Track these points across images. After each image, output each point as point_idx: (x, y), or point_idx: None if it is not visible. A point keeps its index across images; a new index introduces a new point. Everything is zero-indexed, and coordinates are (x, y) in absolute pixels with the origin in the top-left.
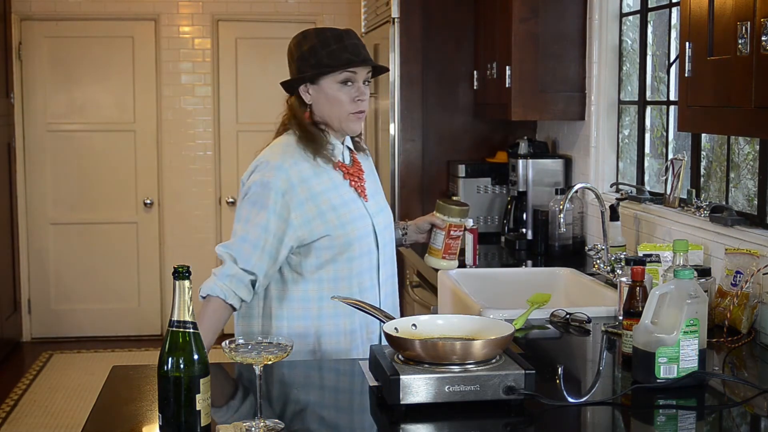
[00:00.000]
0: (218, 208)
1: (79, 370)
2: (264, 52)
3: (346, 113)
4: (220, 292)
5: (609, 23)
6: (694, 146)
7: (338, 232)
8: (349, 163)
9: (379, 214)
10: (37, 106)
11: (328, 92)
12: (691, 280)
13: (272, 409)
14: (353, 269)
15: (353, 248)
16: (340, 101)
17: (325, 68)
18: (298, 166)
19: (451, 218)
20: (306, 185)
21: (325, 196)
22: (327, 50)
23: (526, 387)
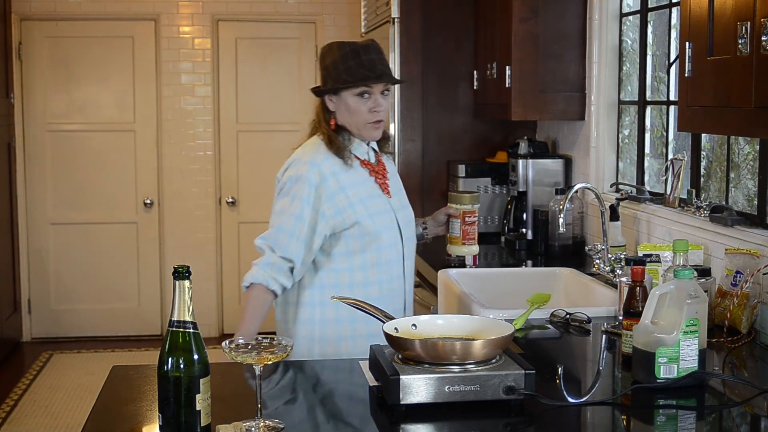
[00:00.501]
0: (218, 208)
1: (79, 370)
2: (264, 52)
3: (363, 122)
4: (262, 279)
5: (609, 23)
6: (694, 146)
7: (367, 222)
8: (374, 162)
9: (401, 210)
10: (37, 106)
11: (348, 103)
12: (691, 280)
13: (272, 409)
14: (382, 257)
15: (381, 238)
16: (358, 112)
17: (342, 83)
18: (329, 161)
19: (464, 205)
20: (336, 178)
21: (354, 189)
22: (345, 66)
23: (526, 387)
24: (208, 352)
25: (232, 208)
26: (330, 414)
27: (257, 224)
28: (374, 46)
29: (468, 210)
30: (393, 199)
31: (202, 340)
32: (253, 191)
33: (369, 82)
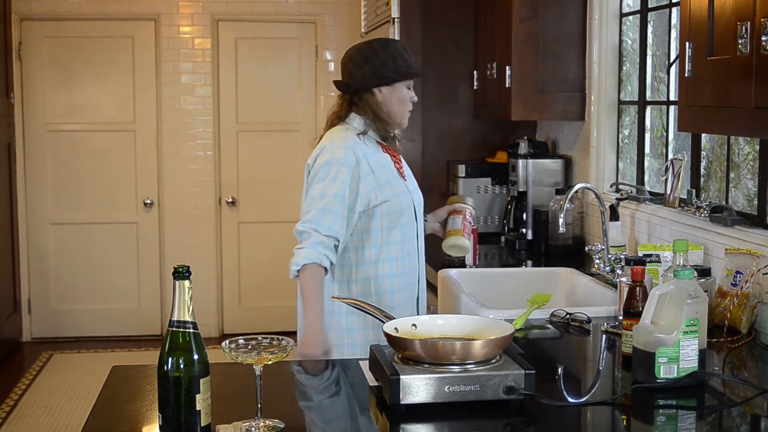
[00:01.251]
0: (218, 208)
1: (79, 370)
2: (264, 52)
3: (407, 110)
4: (315, 257)
5: (609, 23)
6: (694, 146)
7: (394, 200)
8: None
9: (415, 192)
10: (37, 106)
11: (401, 93)
12: (691, 280)
13: (272, 409)
14: (407, 233)
15: (405, 216)
16: (406, 101)
17: (405, 74)
18: (360, 145)
19: (464, 205)
20: (367, 160)
21: (382, 171)
22: (402, 59)
23: (526, 387)
24: (208, 352)
25: (232, 208)
26: (330, 414)
27: (257, 224)
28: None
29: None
30: (408, 182)
31: (202, 340)
32: (253, 191)
33: (420, 75)
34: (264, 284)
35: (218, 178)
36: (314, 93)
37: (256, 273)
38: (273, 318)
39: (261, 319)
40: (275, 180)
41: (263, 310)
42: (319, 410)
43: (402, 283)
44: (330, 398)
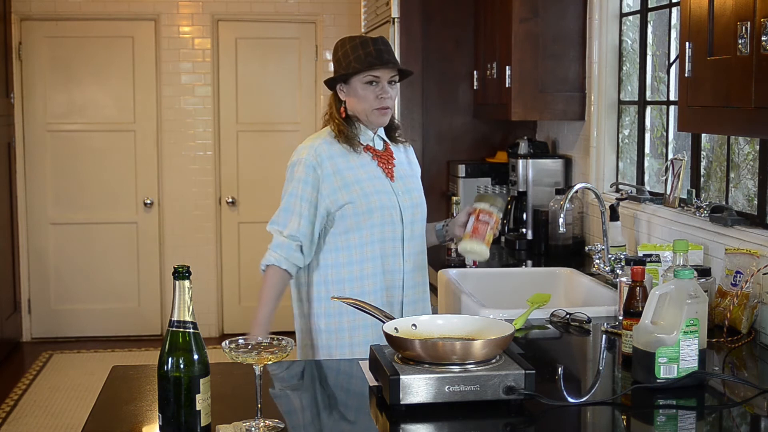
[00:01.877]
0: (218, 208)
1: (79, 370)
2: (264, 52)
3: (371, 108)
4: (273, 260)
5: (609, 23)
6: (694, 146)
7: (360, 201)
8: (380, 149)
9: (406, 194)
10: (37, 106)
11: (357, 90)
12: (691, 280)
13: (272, 409)
14: (376, 235)
15: (374, 216)
16: (366, 98)
17: (353, 70)
18: (327, 146)
19: (480, 203)
20: (333, 161)
21: (351, 171)
22: (355, 55)
23: (526, 387)
24: (208, 352)
25: (232, 208)
26: (330, 414)
27: (257, 224)
28: (383, 39)
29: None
30: (397, 183)
31: (202, 340)
32: (253, 191)
33: (375, 67)
34: None
35: (218, 178)
36: (314, 93)
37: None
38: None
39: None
40: (275, 180)
41: None
42: (320, 410)
43: (362, 288)
44: (330, 398)
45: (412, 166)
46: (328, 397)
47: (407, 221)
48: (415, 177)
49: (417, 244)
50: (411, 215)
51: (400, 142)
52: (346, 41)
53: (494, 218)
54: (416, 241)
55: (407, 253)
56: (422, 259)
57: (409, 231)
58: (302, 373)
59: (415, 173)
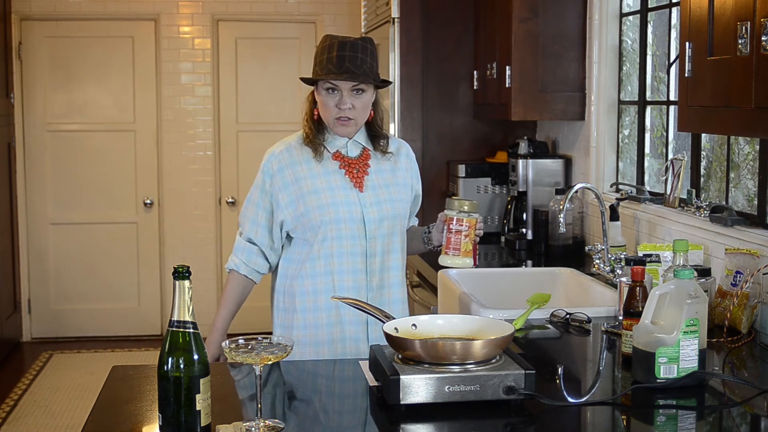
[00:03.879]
0: (218, 208)
1: (79, 370)
2: (264, 52)
3: (331, 117)
4: (233, 265)
5: (609, 23)
6: (694, 146)
7: (313, 213)
8: (354, 156)
9: (375, 206)
10: (37, 106)
11: (321, 96)
12: (691, 280)
13: (272, 409)
14: (325, 249)
15: (328, 229)
16: (326, 106)
17: (314, 75)
18: (290, 152)
19: (448, 211)
20: (293, 169)
21: (309, 180)
22: (320, 58)
23: (526, 387)
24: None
25: (232, 208)
26: (330, 414)
27: None
28: (359, 44)
29: (450, 216)
30: (366, 193)
31: (202, 340)
32: None
33: (329, 77)
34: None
35: (218, 178)
36: None
37: None
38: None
39: (261, 319)
40: None
41: (263, 310)
42: (319, 410)
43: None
44: (330, 398)
45: (396, 174)
46: (328, 397)
47: (371, 235)
48: (397, 186)
49: (385, 260)
50: (377, 228)
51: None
52: (325, 39)
53: (466, 223)
54: (384, 256)
55: (372, 270)
56: (395, 275)
57: (374, 245)
58: (302, 372)
59: (398, 182)
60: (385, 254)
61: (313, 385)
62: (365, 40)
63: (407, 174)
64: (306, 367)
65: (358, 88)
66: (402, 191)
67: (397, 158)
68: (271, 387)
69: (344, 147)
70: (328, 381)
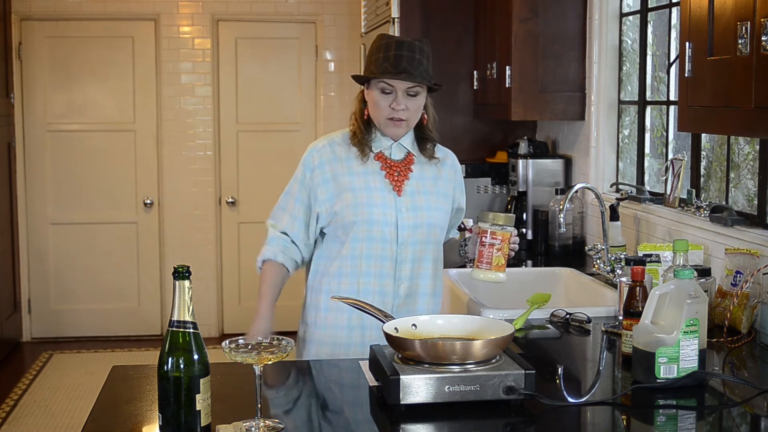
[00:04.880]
0: (218, 208)
1: (79, 370)
2: (264, 52)
3: (383, 117)
4: (270, 254)
5: (609, 23)
6: (694, 146)
7: (348, 211)
8: (397, 159)
9: (412, 211)
10: (37, 106)
11: (373, 95)
12: (691, 280)
13: (272, 409)
14: (356, 250)
15: (360, 229)
16: (379, 106)
17: (369, 74)
18: (332, 148)
19: (481, 223)
20: (332, 165)
21: (348, 178)
22: (375, 57)
23: (526, 387)
24: (208, 352)
25: (232, 208)
26: (330, 414)
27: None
28: (417, 45)
29: (484, 229)
30: (404, 198)
31: (202, 340)
32: (253, 191)
33: (386, 76)
34: None
35: (218, 178)
36: (314, 93)
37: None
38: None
39: None
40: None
41: None
42: (319, 410)
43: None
44: (330, 398)
45: (438, 183)
46: (328, 397)
47: (403, 240)
48: (438, 195)
49: (416, 267)
50: (411, 235)
51: (432, 156)
52: (380, 38)
53: (500, 237)
54: (415, 264)
55: (400, 276)
56: (424, 284)
57: (404, 252)
58: (302, 373)
59: (439, 191)
60: (417, 262)
61: (313, 384)
62: (422, 42)
63: (450, 185)
64: (306, 367)
65: (413, 90)
66: (442, 201)
67: (441, 167)
68: (271, 387)
69: (388, 149)
70: (328, 381)
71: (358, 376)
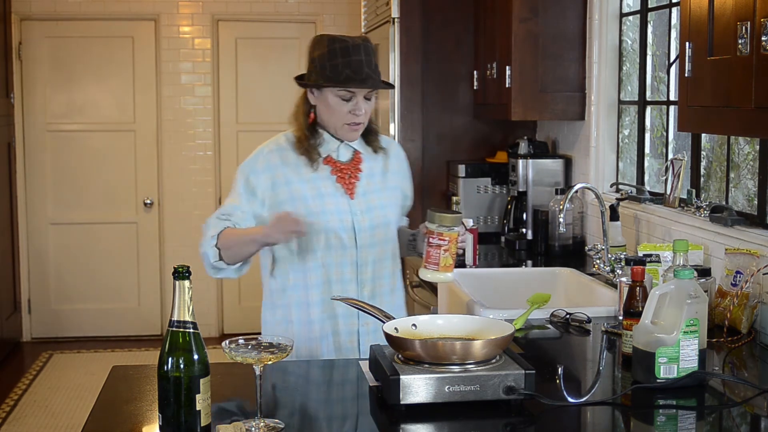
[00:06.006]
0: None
1: (79, 370)
2: (264, 52)
3: (341, 123)
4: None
5: (609, 23)
6: (694, 146)
7: None
8: (345, 161)
9: (366, 213)
10: (37, 106)
11: (329, 102)
12: (691, 280)
13: (272, 409)
14: (319, 260)
15: (319, 238)
16: (338, 112)
17: (326, 80)
18: (281, 152)
19: (428, 223)
20: (280, 171)
21: (298, 185)
22: (332, 63)
23: (526, 387)
24: (208, 352)
25: None
26: (330, 414)
27: None
28: (366, 46)
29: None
30: (357, 200)
31: (202, 340)
32: None
33: (351, 85)
34: None
35: (218, 178)
36: None
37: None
38: None
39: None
40: None
41: None
42: (319, 410)
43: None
44: (330, 398)
45: (387, 177)
46: (328, 397)
47: (362, 244)
48: (388, 190)
49: (377, 269)
50: (369, 237)
51: (379, 147)
52: (324, 41)
53: (447, 238)
54: (376, 265)
55: (363, 279)
56: (387, 283)
57: (365, 255)
58: (302, 373)
59: (388, 185)
60: (377, 263)
61: (313, 385)
62: (365, 40)
63: (397, 176)
64: (306, 367)
65: (369, 94)
66: (393, 195)
67: (387, 159)
68: (271, 387)
69: (336, 151)
70: (328, 381)
71: (358, 376)
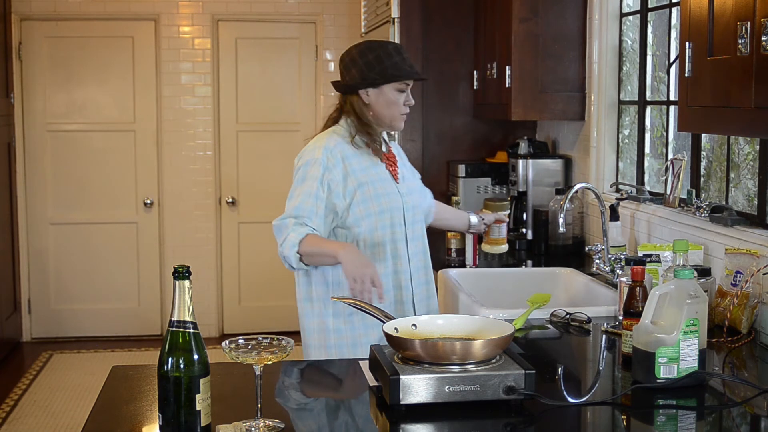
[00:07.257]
0: (218, 208)
1: (79, 370)
2: (264, 52)
3: (398, 114)
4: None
5: (609, 23)
6: (694, 146)
7: (373, 202)
8: (385, 150)
9: (408, 195)
10: (37, 106)
11: (388, 96)
12: (691, 280)
13: (272, 409)
14: (387, 236)
15: (385, 217)
16: (396, 104)
17: (390, 77)
18: (341, 147)
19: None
20: (347, 162)
21: (364, 173)
22: (391, 61)
23: (526, 387)
24: (208, 352)
25: (232, 208)
26: (330, 414)
27: (257, 224)
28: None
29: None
30: (401, 184)
31: (202, 340)
32: (253, 191)
33: (411, 78)
34: (264, 284)
35: (218, 178)
36: (314, 93)
37: (256, 273)
38: (273, 318)
39: (261, 319)
40: (275, 180)
41: (263, 310)
42: (319, 410)
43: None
44: (330, 398)
45: (406, 161)
46: (329, 397)
47: (409, 222)
48: (414, 174)
49: (418, 244)
50: (412, 216)
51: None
52: (375, 45)
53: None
54: (417, 241)
55: (411, 253)
56: (425, 258)
57: (410, 232)
58: (302, 373)
59: (412, 170)
60: (416, 240)
61: (313, 384)
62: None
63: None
64: (306, 367)
65: None
66: (415, 182)
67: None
68: (271, 387)
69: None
70: (328, 381)
71: (358, 376)
